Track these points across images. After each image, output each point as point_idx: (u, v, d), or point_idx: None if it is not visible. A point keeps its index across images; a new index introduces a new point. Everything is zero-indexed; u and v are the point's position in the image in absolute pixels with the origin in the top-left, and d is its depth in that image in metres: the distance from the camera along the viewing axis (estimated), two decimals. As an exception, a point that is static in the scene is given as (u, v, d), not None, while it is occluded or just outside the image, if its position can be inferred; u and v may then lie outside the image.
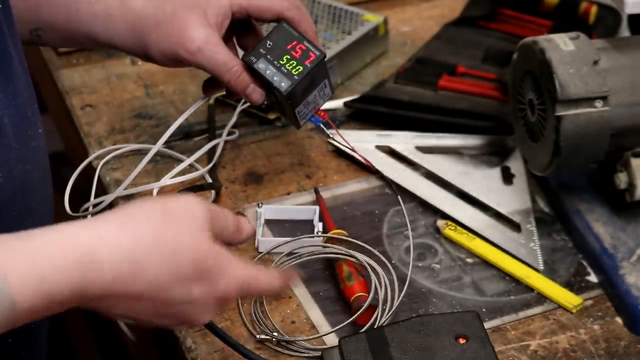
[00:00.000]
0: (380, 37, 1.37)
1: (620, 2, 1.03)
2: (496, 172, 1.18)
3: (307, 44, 1.02)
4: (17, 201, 0.86)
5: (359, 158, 1.14)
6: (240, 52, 1.07)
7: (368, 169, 1.18)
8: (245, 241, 0.86)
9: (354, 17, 1.36)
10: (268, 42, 1.02)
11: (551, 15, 1.40)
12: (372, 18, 1.36)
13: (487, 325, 1.00)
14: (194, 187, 1.10)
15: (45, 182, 0.93)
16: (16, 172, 0.85)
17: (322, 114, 1.07)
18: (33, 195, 0.89)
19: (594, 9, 1.37)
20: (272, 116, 1.24)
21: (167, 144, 1.20)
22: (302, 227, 1.09)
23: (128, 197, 1.12)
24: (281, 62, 1.01)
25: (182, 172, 1.12)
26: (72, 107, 1.26)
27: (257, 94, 1.03)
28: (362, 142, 1.20)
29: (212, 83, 1.06)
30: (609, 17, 1.36)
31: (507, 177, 1.17)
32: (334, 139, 1.15)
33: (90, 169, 1.17)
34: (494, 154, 1.21)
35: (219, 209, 0.82)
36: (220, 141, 1.19)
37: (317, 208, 1.09)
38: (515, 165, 1.18)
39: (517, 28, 1.40)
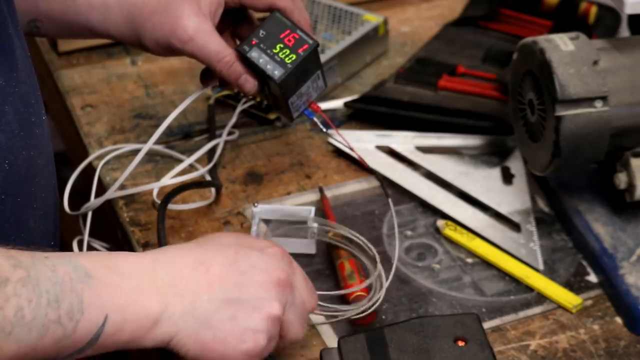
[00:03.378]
0: (380, 37, 1.37)
1: (620, 3, 1.03)
2: (496, 172, 1.18)
3: (300, 33, 1.02)
4: (21, 188, 0.87)
5: (355, 155, 1.13)
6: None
7: (368, 169, 1.18)
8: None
9: (354, 17, 1.36)
10: (261, 31, 1.02)
11: (551, 15, 1.40)
12: (372, 18, 1.36)
13: (487, 325, 1.00)
14: (194, 184, 1.10)
15: (49, 170, 0.93)
16: (20, 160, 0.86)
17: (315, 106, 1.07)
18: (37, 182, 0.89)
19: (593, 9, 1.37)
20: (272, 116, 1.24)
21: (167, 143, 1.20)
22: (298, 227, 1.09)
23: (128, 197, 1.12)
24: (274, 50, 1.01)
25: (182, 172, 1.12)
26: (72, 107, 1.26)
27: (250, 84, 1.02)
28: (362, 142, 1.20)
29: (209, 74, 1.06)
30: (609, 17, 1.36)
31: (507, 177, 1.17)
32: (332, 137, 1.15)
33: (90, 169, 1.17)
34: (494, 154, 1.21)
35: None
36: (220, 141, 1.19)
37: (312, 208, 1.09)
38: (515, 165, 1.18)
39: (517, 28, 1.40)
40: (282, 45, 1.01)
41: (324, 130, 1.07)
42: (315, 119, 1.07)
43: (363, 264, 1.03)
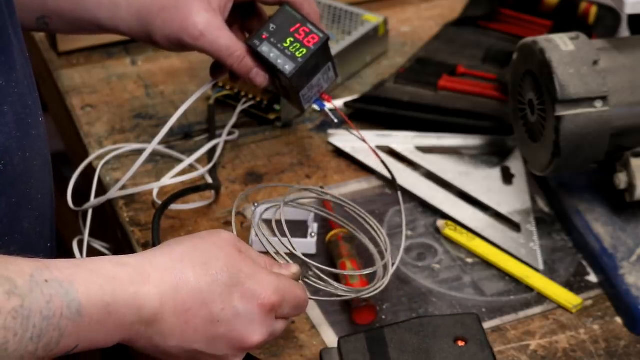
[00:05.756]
0: (380, 37, 1.37)
1: (620, 2, 1.03)
2: (496, 172, 1.18)
3: (310, 26, 1.02)
4: (16, 189, 0.87)
5: (367, 150, 1.12)
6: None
7: (368, 169, 1.18)
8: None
9: (354, 17, 1.36)
10: (271, 25, 1.02)
11: (551, 15, 1.40)
12: (372, 18, 1.36)
13: (487, 325, 1.00)
14: (193, 188, 1.10)
15: (45, 172, 0.93)
16: (16, 161, 0.86)
17: (326, 97, 1.07)
18: (33, 184, 0.89)
19: (593, 9, 1.37)
20: (272, 116, 1.24)
21: (167, 143, 1.20)
22: (298, 227, 1.09)
23: (128, 197, 1.12)
24: (285, 44, 1.02)
25: (182, 172, 1.12)
26: (72, 107, 1.26)
27: (261, 78, 1.03)
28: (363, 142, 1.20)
29: (219, 67, 1.07)
30: (609, 17, 1.36)
31: (507, 177, 1.17)
32: (347, 130, 1.15)
33: (90, 169, 1.17)
34: (494, 154, 1.21)
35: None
36: (220, 141, 1.19)
37: (312, 208, 1.09)
38: (515, 165, 1.18)
39: (517, 28, 1.40)
40: (292, 39, 1.02)
41: (335, 121, 1.07)
42: (327, 110, 1.07)
43: (365, 253, 1.03)
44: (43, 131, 0.92)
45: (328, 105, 1.09)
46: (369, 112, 1.25)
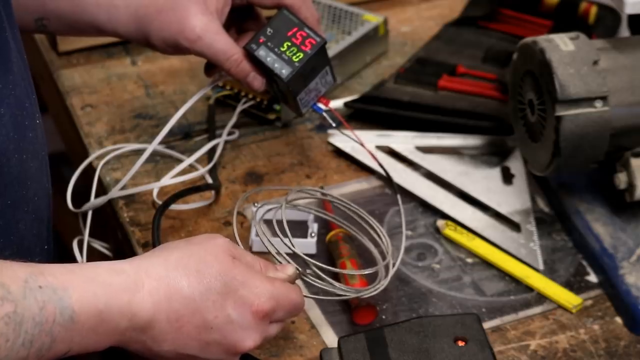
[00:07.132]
0: (380, 37, 1.37)
1: (620, 2, 1.03)
2: (496, 172, 1.18)
3: (308, 31, 1.02)
4: (12, 191, 0.87)
5: (365, 151, 1.12)
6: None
7: (368, 169, 1.18)
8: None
9: (354, 17, 1.36)
10: (269, 29, 1.02)
11: (551, 15, 1.40)
12: (372, 18, 1.36)
13: (487, 325, 1.00)
14: (193, 188, 1.10)
15: (42, 174, 0.93)
16: (12, 162, 0.86)
17: (324, 101, 1.07)
18: (30, 186, 0.89)
19: (593, 9, 1.37)
20: (272, 116, 1.24)
21: (167, 143, 1.20)
22: (298, 227, 1.09)
23: (128, 197, 1.12)
24: (282, 49, 1.02)
25: (182, 172, 1.12)
26: (72, 107, 1.26)
27: (258, 82, 1.03)
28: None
29: (213, 65, 1.07)
30: (609, 17, 1.36)
31: (507, 177, 1.17)
32: (335, 136, 1.15)
33: (90, 169, 1.17)
34: (494, 154, 1.21)
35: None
36: (220, 141, 1.19)
37: (312, 211, 1.09)
38: (515, 165, 1.18)
39: (517, 28, 1.40)
40: (289, 44, 1.02)
41: (333, 125, 1.07)
42: (325, 114, 1.07)
43: (365, 254, 1.02)
44: (41, 133, 0.92)
45: (326, 109, 1.09)
46: (369, 112, 1.25)
